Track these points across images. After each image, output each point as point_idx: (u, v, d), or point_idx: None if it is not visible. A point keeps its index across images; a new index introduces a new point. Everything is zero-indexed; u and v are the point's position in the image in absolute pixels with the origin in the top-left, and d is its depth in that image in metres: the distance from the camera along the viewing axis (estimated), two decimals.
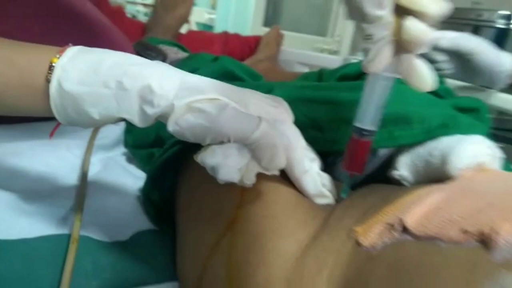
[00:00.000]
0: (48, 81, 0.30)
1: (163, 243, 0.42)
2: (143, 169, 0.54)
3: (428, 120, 0.38)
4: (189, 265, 0.36)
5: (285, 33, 1.20)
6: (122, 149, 0.59)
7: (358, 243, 0.27)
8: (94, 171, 0.49)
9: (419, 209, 0.26)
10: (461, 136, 0.36)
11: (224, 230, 0.33)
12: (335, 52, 2.28)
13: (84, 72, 0.30)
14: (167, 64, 0.32)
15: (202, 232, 0.35)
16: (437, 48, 0.68)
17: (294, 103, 0.35)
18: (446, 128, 0.37)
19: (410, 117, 0.38)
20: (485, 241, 0.22)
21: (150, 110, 0.29)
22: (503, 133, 0.91)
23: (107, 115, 0.30)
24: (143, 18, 1.49)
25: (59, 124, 0.32)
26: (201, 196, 0.38)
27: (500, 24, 1.15)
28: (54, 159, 0.46)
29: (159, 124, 0.56)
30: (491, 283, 0.19)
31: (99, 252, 0.37)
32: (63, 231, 0.38)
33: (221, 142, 0.29)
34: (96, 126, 0.33)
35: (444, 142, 0.36)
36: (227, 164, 0.29)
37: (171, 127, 0.29)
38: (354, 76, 0.65)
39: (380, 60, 0.28)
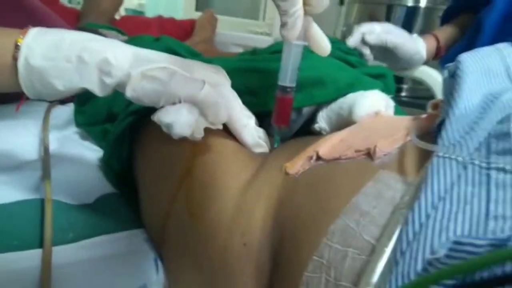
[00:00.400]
0: (15, 59, 0.34)
1: (126, 202, 0.48)
2: (99, 145, 0.59)
3: (338, 81, 0.48)
4: (153, 216, 0.43)
5: (219, 17, 1.25)
6: (74, 129, 0.63)
7: (286, 173, 0.36)
8: (52, 147, 0.53)
9: (329, 142, 0.35)
10: (363, 92, 0.46)
11: (182, 178, 0.40)
12: (267, 35, 2.37)
13: (47, 49, 0.34)
14: (119, 41, 0.38)
15: (162, 184, 0.42)
16: (365, 43, 0.78)
17: (231, 72, 0.42)
18: (352, 87, 0.47)
19: (325, 80, 0.48)
20: (370, 154, 0.31)
21: (108, 80, 0.35)
22: (417, 100, 1.06)
23: (70, 87, 0.35)
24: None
25: (23, 99, 0.37)
26: (157, 155, 0.44)
27: (410, 2, 1.30)
28: (14, 137, 0.50)
29: (111, 101, 0.61)
30: (374, 181, 0.29)
31: (71, 212, 0.43)
32: (36, 196, 0.43)
33: (173, 104, 0.36)
34: (60, 97, 0.37)
35: (350, 97, 0.46)
36: (180, 121, 0.36)
37: (129, 93, 0.35)
38: None
39: (294, 31, 0.36)
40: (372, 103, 0.43)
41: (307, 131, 0.51)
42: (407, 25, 1.11)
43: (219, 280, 0.34)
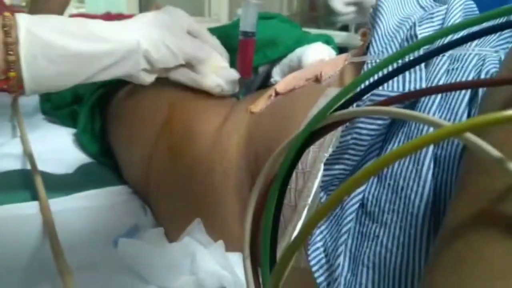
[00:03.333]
0: (3, 27, 0.33)
1: (104, 167, 0.51)
2: (67, 125, 0.61)
3: (287, 40, 0.54)
4: (135, 168, 0.47)
5: None
6: (41, 115, 0.65)
7: (252, 112, 0.41)
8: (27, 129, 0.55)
9: (284, 80, 0.42)
10: (309, 45, 0.53)
11: (161, 127, 0.44)
12: None
13: (54, 22, 0.35)
14: None
15: (142, 137, 0.46)
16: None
17: None
18: (299, 43, 0.54)
19: (275, 40, 0.54)
20: (317, 80, 0.38)
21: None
22: None
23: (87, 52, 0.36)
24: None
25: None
26: (135, 112, 0.49)
27: None
28: None
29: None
30: (324, 96, 0.35)
31: (56, 178, 0.46)
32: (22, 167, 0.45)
33: None
34: (70, 74, 0.37)
35: (298, 51, 0.52)
36: None
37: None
38: None
39: None
40: (317, 52, 0.50)
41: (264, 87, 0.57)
42: None
43: (204, 204, 0.39)
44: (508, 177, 0.11)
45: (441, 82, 0.25)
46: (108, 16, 1.16)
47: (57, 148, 0.52)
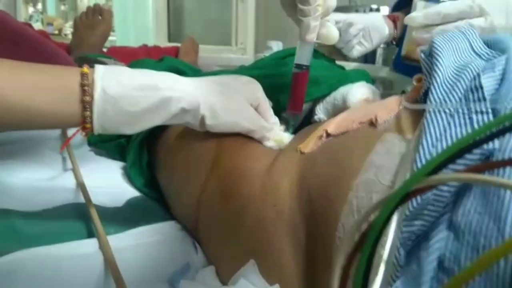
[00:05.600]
0: (82, 86, 0.37)
1: (153, 202, 0.53)
2: (114, 158, 0.63)
3: (330, 79, 0.55)
4: (185, 206, 0.48)
5: None
6: (87, 147, 0.67)
7: (302, 152, 0.42)
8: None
9: (334, 121, 0.42)
10: (352, 84, 0.54)
11: (210, 169, 0.45)
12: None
13: (121, 78, 0.38)
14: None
15: (191, 178, 0.47)
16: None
17: None
18: (341, 82, 0.55)
19: (319, 79, 0.56)
20: (373, 123, 0.38)
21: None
22: None
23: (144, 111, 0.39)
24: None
25: (69, 139, 0.42)
26: (182, 154, 0.50)
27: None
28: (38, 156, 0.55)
29: None
30: (381, 142, 0.35)
31: (108, 211, 0.47)
32: (75, 201, 0.47)
33: None
34: (133, 123, 0.40)
35: (342, 89, 0.53)
36: None
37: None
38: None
39: (314, 34, 0.44)
40: (361, 91, 0.51)
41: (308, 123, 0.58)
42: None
43: (257, 246, 0.39)
44: None
45: None
46: (146, 49, 1.22)
47: (108, 181, 0.54)
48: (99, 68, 0.38)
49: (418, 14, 0.51)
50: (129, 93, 0.38)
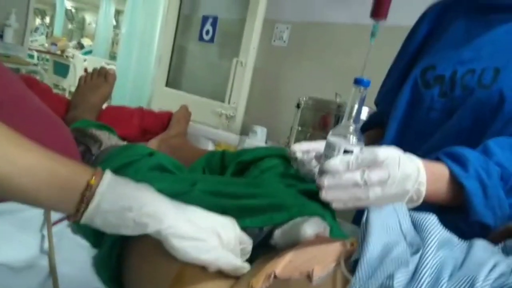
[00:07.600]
0: (83, 195, 0.44)
1: None
2: (89, 241, 0.69)
3: (291, 208, 0.64)
4: None
5: (187, 95, 1.40)
6: (66, 222, 0.73)
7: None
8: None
9: (282, 263, 0.50)
10: (308, 218, 0.62)
11: (172, 283, 0.52)
12: (231, 117, 2.60)
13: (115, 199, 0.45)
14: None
15: None
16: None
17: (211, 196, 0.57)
18: (301, 213, 0.63)
19: (282, 207, 0.64)
20: (309, 277, 0.46)
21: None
22: None
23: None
24: None
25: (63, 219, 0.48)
26: (145, 269, 0.56)
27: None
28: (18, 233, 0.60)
29: None
30: None
31: None
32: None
33: None
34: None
35: (298, 221, 0.61)
36: None
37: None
38: (249, 162, 0.91)
39: None
40: (313, 228, 0.59)
41: (265, 243, 0.65)
42: None
43: None
44: None
45: None
46: (141, 113, 1.30)
47: (77, 267, 0.60)
48: (104, 182, 0.45)
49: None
50: (116, 217, 0.45)
